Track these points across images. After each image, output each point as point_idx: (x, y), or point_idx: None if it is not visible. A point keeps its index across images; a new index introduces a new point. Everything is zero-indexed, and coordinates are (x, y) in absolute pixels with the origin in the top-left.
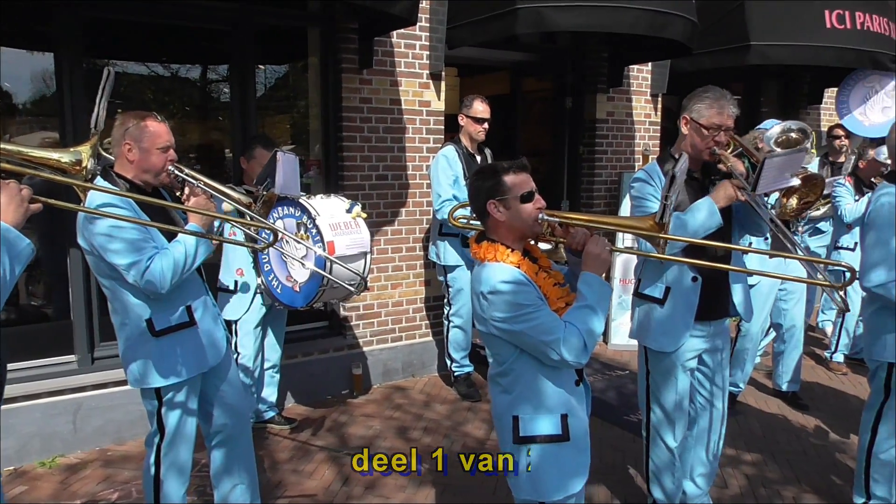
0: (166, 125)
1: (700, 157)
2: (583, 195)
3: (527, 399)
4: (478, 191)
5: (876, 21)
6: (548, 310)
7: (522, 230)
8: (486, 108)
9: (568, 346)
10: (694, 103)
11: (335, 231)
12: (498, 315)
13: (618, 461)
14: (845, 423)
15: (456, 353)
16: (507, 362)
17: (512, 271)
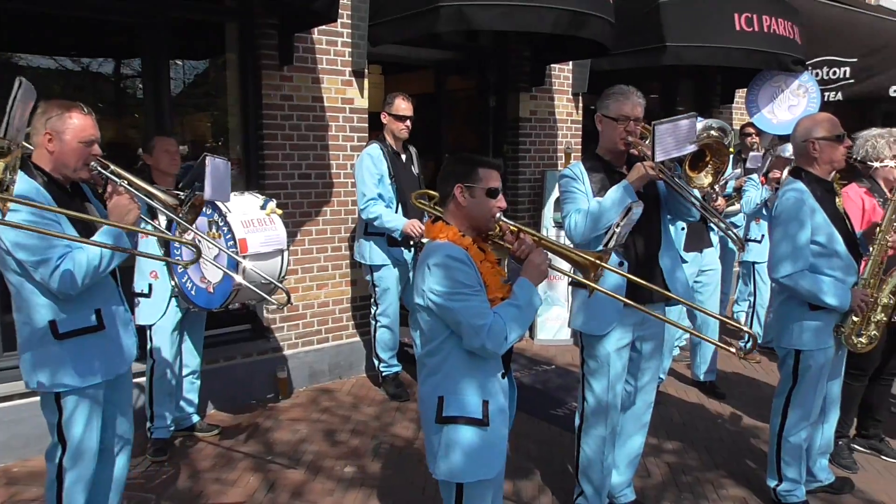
0: (92, 118)
1: (617, 149)
2: (508, 193)
3: (453, 380)
4: (449, 174)
5: (781, 24)
6: (483, 296)
7: (478, 222)
8: (409, 106)
9: (492, 334)
10: (603, 101)
11: (248, 228)
12: (437, 288)
13: (545, 455)
14: (759, 410)
15: (383, 353)
16: (436, 340)
17: (460, 251)
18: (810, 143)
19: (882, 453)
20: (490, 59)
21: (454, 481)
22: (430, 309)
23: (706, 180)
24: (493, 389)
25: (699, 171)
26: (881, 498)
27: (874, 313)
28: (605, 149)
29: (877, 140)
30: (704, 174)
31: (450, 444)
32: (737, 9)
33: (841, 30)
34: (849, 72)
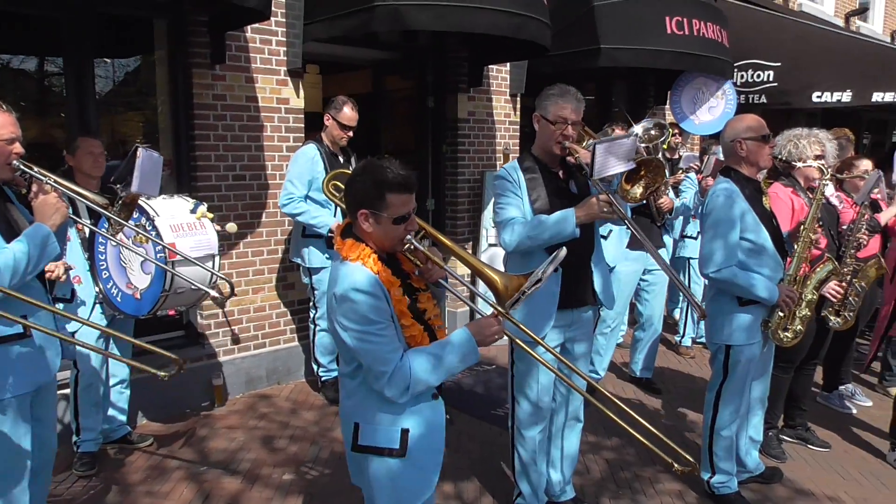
0: (13, 115)
1: (551, 151)
2: (447, 194)
3: (369, 407)
4: (355, 193)
5: (710, 28)
6: (391, 336)
7: (385, 245)
8: (355, 116)
9: (392, 383)
10: (541, 101)
11: (177, 232)
12: (343, 322)
13: (486, 455)
14: (694, 404)
15: (323, 358)
16: (352, 366)
17: (369, 279)
18: (738, 144)
19: (808, 442)
20: (428, 59)
21: None
22: (340, 338)
23: (637, 192)
24: (416, 415)
25: (633, 185)
26: (808, 486)
27: (799, 308)
28: (541, 149)
29: (799, 140)
30: (637, 186)
31: (370, 475)
32: (668, 12)
33: (766, 34)
34: (773, 75)
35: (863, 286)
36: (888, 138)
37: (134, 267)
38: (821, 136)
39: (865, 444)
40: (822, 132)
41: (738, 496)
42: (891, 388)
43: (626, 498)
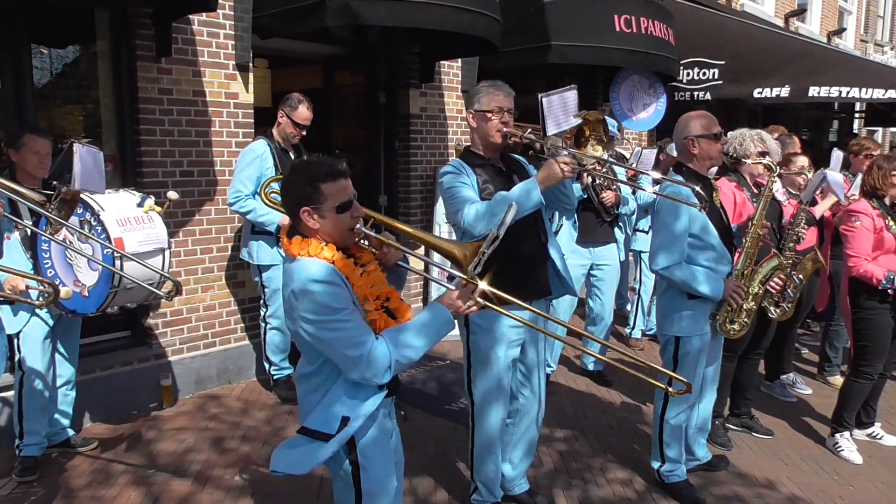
0: None
1: (493, 142)
2: (400, 190)
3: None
4: (290, 193)
5: (657, 26)
6: (358, 320)
7: (335, 238)
8: (310, 116)
9: (371, 364)
10: (472, 96)
11: (124, 227)
12: (306, 316)
13: (440, 451)
14: (644, 396)
15: (275, 356)
16: (315, 364)
17: (325, 268)
18: (689, 141)
19: (753, 430)
20: (380, 54)
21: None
22: (303, 336)
23: (599, 150)
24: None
25: (585, 146)
26: (753, 472)
27: (745, 302)
28: (481, 144)
29: (743, 138)
30: (592, 147)
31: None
32: (616, 10)
33: (710, 33)
34: (717, 73)
35: (800, 278)
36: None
37: (81, 264)
38: (764, 135)
39: (806, 431)
40: (764, 132)
41: (686, 483)
42: (830, 377)
43: (578, 488)
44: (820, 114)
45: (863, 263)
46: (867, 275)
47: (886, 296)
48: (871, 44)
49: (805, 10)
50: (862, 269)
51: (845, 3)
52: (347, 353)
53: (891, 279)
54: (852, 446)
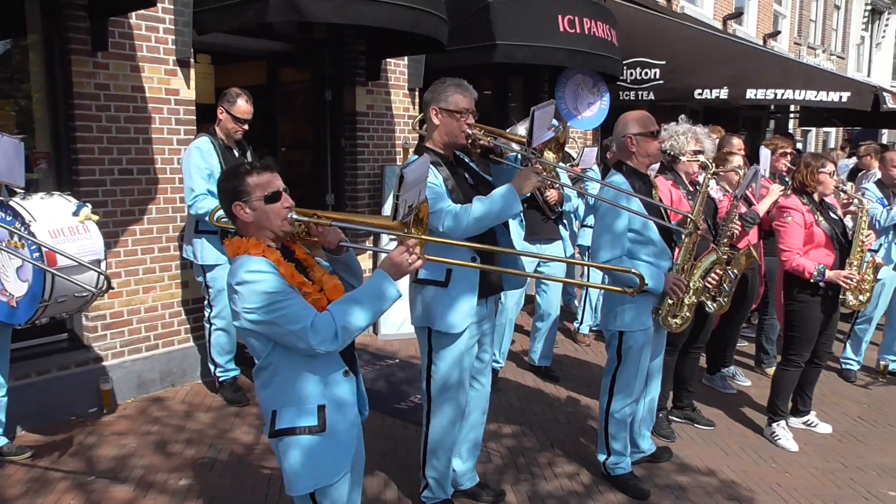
0: None
1: (456, 142)
2: (347, 188)
3: (284, 391)
4: (223, 193)
5: (600, 27)
6: (297, 299)
7: (273, 230)
8: (250, 109)
9: (315, 332)
10: (440, 93)
11: (57, 238)
12: (248, 307)
13: (389, 450)
14: (590, 390)
15: (220, 357)
16: (264, 356)
17: (258, 260)
18: (628, 139)
19: (695, 421)
20: (325, 51)
21: (292, 494)
22: (250, 330)
23: (552, 156)
24: (332, 390)
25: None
26: (695, 462)
27: (687, 296)
28: (442, 142)
29: (679, 136)
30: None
31: (287, 458)
32: (560, 11)
33: (652, 34)
34: (659, 73)
35: (735, 273)
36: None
37: (9, 273)
38: (699, 132)
39: (745, 421)
40: (699, 128)
41: (631, 475)
42: (767, 369)
43: (527, 482)
44: (757, 114)
45: (795, 257)
46: (799, 268)
47: (818, 289)
48: (805, 46)
49: (742, 12)
50: (794, 263)
51: (780, 6)
52: (292, 329)
53: (821, 272)
54: (788, 434)
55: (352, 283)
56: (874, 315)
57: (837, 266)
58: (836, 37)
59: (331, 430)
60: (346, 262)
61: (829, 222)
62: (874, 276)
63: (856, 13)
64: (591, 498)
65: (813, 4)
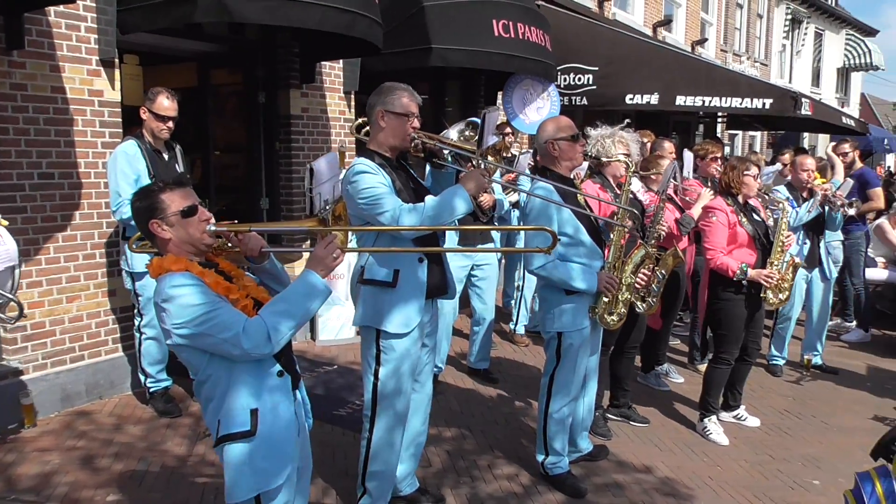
0: None
1: (403, 144)
2: (282, 192)
3: (225, 400)
4: (138, 213)
5: (534, 32)
6: (226, 307)
7: (193, 245)
8: (173, 105)
9: (248, 337)
10: (385, 96)
11: None
12: (177, 322)
13: (327, 457)
14: (529, 391)
15: (151, 368)
16: (201, 370)
17: (183, 275)
18: (550, 144)
19: (631, 419)
20: (258, 53)
21: (231, 502)
22: (183, 346)
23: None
24: (265, 393)
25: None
26: (631, 459)
27: (621, 293)
28: (387, 145)
29: (604, 140)
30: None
31: (228, 464)
32: (494, 15)
33: (585, 40)
34: (592, 79)
35: (663, 273)
36: (691, 139)
37: None
38: (625, 135)
39: (679, 417)
40: (626, 132)
41: (569, 475)
42: (699, 365)
43: (466, 485)
44: (687, 118)
45: (719, 256)
46: (723, 267)
47: (741, 287)
48: (731, 53)
49: (671, 20)
50: (718, 262)
51: (706, 14)
52: (224, 337)
53: (744, 271)
54: (719, 429)
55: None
56: (792, 314)
57: (759, 265)
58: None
59: (265, 433)
60: (271, 270)
61: (752, 223)
62: (793, 275)
63: (777, 22)
64: (531, 498)
65: (738, 13)
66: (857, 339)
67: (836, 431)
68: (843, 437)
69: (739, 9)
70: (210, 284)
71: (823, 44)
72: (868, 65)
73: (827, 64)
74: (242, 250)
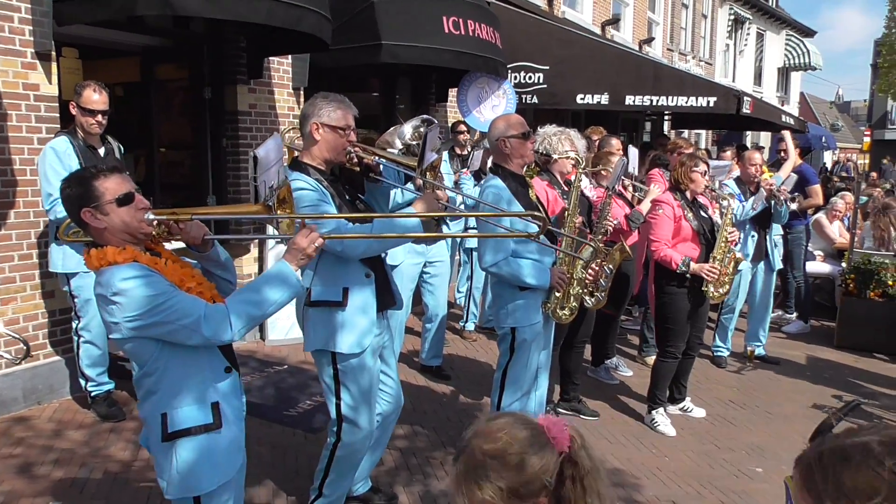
0: None
1: (337, 159)
2: (230, 190)
3: (174, 393)
4: (68, 201)
5: (484, 29)
6: (183, 294)
7: (130, 234)
8: (102, 98)
9: (208, 322)
10: (321, 108)
11: None
12: (130, 314)
13: (277, 458)
14: (481, 387)
15: (91, 371)
16: (149, 362)
17: (131, 266)
18: (502, 142)
19: (580, 413)
20: (203, 47)
21: (192, 496)
22: (131, 339)
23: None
24: (220, 388)
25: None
26: None
27: (572, 287)
28: (322, 158)
29: (552, 137)
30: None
31: (183, 459)
32: (444, 12)
33: (535, 39)
34: (542, 77)
35: (611, 268)
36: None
37: None
38: (571, 133)
39: (628, 410)
40: (572, 130)
41: None
42: (647, 358)
43: (419, 483)
44: (636, 116)
45: (663, 248)
46: (666, 259)
47: (684, 280)
48: (677, 53)
49: (619, 19)
50: (662, 254)
51: (653, 14)
52: (185, 323)
53: (686, 264)
54: (666, 421)
55: (226, 279)
56: (736, 305)
57: (703, 260)
58: (705, 44)
59: (227, 424)
60: (215, 258)
61: (698, 219)
62: (734, 270)
63: (721, 22)
64: None
65: (683, 13)
66: (798, 330)
67: (778, 420)
68: (784, 425)
69: (685, 8)
70: (164, 273)
71: (765, 44)
72: (807, 65)
73: (768, 64)
74: (184, 238)
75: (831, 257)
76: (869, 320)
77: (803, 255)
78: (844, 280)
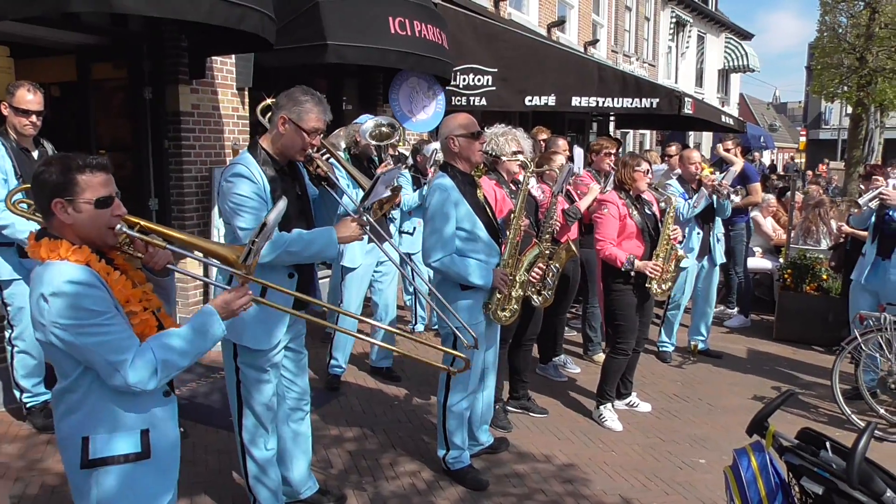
0: None
1: (293, 157)
2: (172, 192)
3: (99, 417)
4: (43, 185)
5: (431, 30)
6: (121, 324)
7: (92, 238)
8: (37, 99)
9: (135, 370)
10: (294, 105)
11: None
12: (61, 322)
13: (223, 466)
14: (431, 388)
15: (26, 382)
16: (72, 375)
17: (80, 269)
18: (451, 140)
19: (530, 410)
20: (143, 46)
21: None
22: (55, 346)
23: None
24: (155, 413)
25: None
26: (531, 449)
27: (514, 289)
28: (279, 150)
29: (499, 138)
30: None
31: (104, 489)
32: (390, 12)
33: (483, 40)
34: (491, 80)
35: (557, 267)
36: (585, 137)
37: None
38: (518, 134)
39: (576, 406)
40: (518, 130)
41: (470, 468)
42: (594, 356)
43: (369, 485)
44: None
45: (608, 246)
46: (612, 257)
47: (629, 277)
48: (621, 54)
49: (564, 21)
50: (608, 252)
51: (597, 16)
52: (109, 359)
53: (631, 261)
54: (614, 416)
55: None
56: (682, 301)
57: (647, 257)
58: (648, 46)
59: (156, 455)
60: (166, 287)
61: (642, 216)
62: (676, 267)
63: (663, 25)
64: (433, 494)
65: (627, 15)
66: (739, 324)
67: (720, 412)
68: (726, 416)
69: (628, 11)
70: (114, 288)
71: (705, 46)
72: (745, 66)
73: (709, 65)
74: (146, 260)
75: (769, 253)
76: (805, 313)
77: (745, 252)
78: (782, 275)
